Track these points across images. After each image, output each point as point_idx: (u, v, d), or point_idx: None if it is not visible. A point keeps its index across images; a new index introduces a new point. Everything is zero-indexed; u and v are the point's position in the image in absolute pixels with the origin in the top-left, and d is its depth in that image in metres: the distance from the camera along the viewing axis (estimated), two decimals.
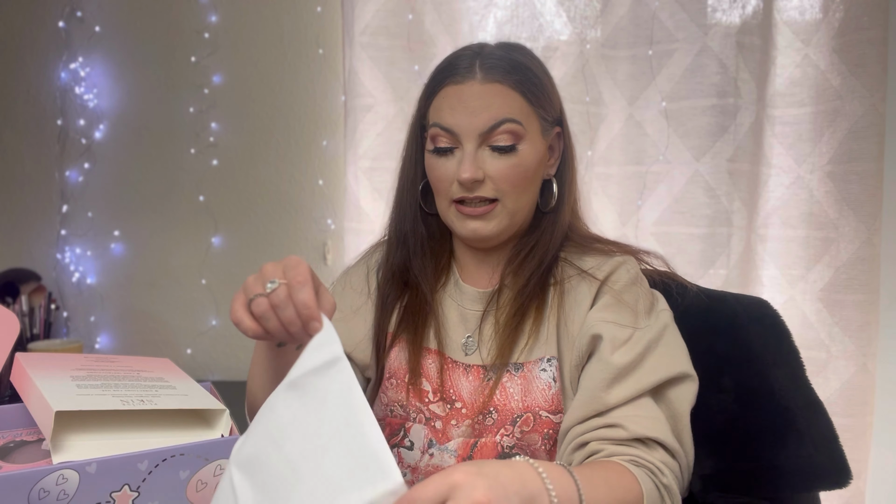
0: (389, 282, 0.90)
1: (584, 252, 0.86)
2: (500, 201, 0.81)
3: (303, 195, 1.78)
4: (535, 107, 0.82)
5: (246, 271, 1.81)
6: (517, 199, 0.82)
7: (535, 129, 0.83)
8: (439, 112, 0.82)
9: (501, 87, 0.80)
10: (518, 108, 0.80)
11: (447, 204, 0.84)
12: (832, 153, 1.43)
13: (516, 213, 0.83)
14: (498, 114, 0.79)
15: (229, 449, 0.59)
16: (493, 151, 0.80)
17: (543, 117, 0.84)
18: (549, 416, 0.80)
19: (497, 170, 0.80)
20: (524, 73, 0.81)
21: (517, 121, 0.79)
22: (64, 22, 1.83)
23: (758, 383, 0.84)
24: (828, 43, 1.42)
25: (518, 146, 0.80)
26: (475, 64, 0.81)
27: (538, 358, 0.83)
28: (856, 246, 1.41)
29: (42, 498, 0.52)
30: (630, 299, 0.80)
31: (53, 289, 1.83)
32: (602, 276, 0.83)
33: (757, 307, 0.90)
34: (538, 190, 0.86)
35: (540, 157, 0.83)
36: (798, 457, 0.80)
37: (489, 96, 0.79)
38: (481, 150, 0.80)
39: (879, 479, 1.52)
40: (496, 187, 0.80)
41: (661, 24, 1.51)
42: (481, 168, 0.80)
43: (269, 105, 1.78)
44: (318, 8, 1.74)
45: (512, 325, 0.84)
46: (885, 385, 1.50)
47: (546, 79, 0.86)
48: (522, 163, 0.80)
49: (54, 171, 1.86)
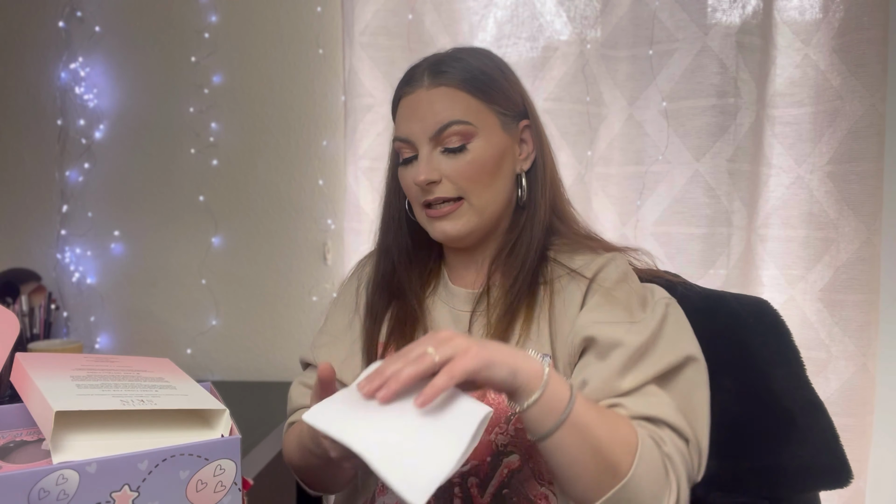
0: (377, 293, 0.92)
1: (574, 251, 0.86)
2: (465, 199, 0.83)
3: (303, 195, 1.78)
4: (487, 103, 0.84)
5: (246, 271, 1.81)
6: (481, 194, 0.83)
7: (490, 125, 0.84)
8: (398, 125, 0.87)
9: (447, 89, 0.83)
10: (466, 107, 0.82)
11: (420, 210, 0.86)
12: (832, 153, 1.43)
13: (484, 210, 0.84)
14: (444, 117, 0.82)
15: (229, 449, 0.59)
16: (445, 153, 0.83)
17: (501, 112, 0.85)
18: None
19: (452, 169, 0.82)
20: (470, 72, 0.84)
21: (464, 121, 0.82)
22: (64, 22, 1.83)
23: (758, 383, 0.84)
24: (828, 43, 1.42)
25: (469, 145, 0.82)
26: (424, 72, 0.85)
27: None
28: (856, 246, 1.41)
29: (42, 498, 0.52)
30: (621, 296, 0.80)
31: (53, 289, 1.83)
32: (590, 274, 0.82)
33: (757, 307, 0.90)
34: (507, 185, 0.86)
35: (499, 152, 0.84)
36: (798, 456, 0.80)
37: (435, 101, 0.83)
38: (436, 153, 0.83)
39: (879, 479, 1.52)
40: (455, 185, 0.83)
41: (661, 24, 1.51)
42: (437, 169, 0.83)
43: (269, 105, 1.78)
44: (318, 8, 1.74)
45: (502, 324, 0.84)
46: (885, 385, 1.50)
47: (499, 74, 0.87)
48: (476, 159, 0.82)
49: (54, 171, 1.86)
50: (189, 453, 0.58)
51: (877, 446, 1.46)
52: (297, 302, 1.79)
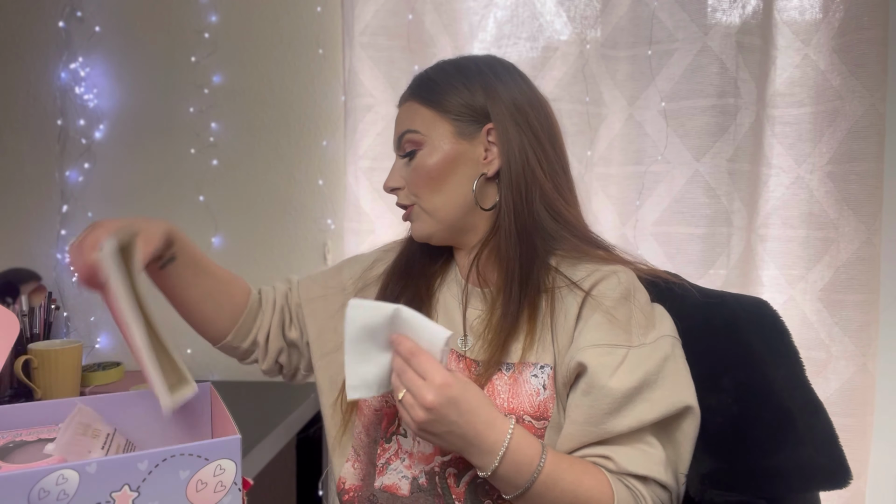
0: (393, 278, 0.97)
1: (579, 260, 0.86)
2: (415, 205, 0.90)
3: (303, 195, 1.78)
4: (439, 112, 0.87)
5: (246, 271, 1.81)
6: (429, 199, 0.88)
7: (441, 133, 0.87)
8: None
9: (410, 103, 0.90)
10: (420, 118, 0.88)
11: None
12: (832, 153, 1.43)
13: (435, 213, 0.88)
14: (401, 128, 0.90)
15: (229, 449, 0.59)
16: (402, 160, 0.90)
17: (454, 118, 0.87)
18: (532, 421, 0.81)
19: (406, 175, 0.89)
20: (426, 84, 0.90)
21: (414, 130, 0.88)
22: (64, 22, 1.83)
23: (757, 384, 0.84)
24: (828, 43, 1.42)
25: (418, 151, 0.87)
26: (408, 87, 0.93)
27: (532, 363, 0.83)
28: (856, 246, 1.41)
29: (42, 498, 0.52)
30: (622, 316, 0.79)
31: (53, 289, 1.83)
32: (587, 286, 0.82)
33: (756, 307, 0.90)
34: (463, 189, 0.87)
35: (448, 158, 0.86)
36: (797, 457, 0.80)
37: (401, 115, 0.91)
38: (401, 162, 0.91)
39: (879, 479, 1.52)
40: (409, 191, 0.90)
41: (660, 24, 1.51)
42: (402, 177, 0.90)
43: (269, 105, 1.78)
44: (318, 8, 1.74)
45: (502, 326, 0.84)
46: (885, 385, 1.50)
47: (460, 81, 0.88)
48: (421, 166, 0.87)
49: (54, 171, 1.86)
50: (189, 453, 0.58)
51: (877, 446, 1.46)
52: None
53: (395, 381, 0.74)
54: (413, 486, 0.84)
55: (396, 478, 0.86)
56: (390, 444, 0.88)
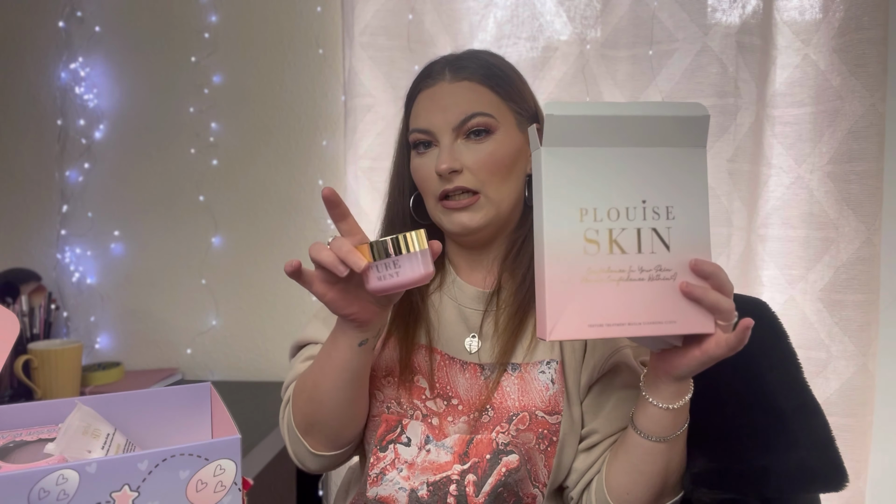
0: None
1: None
2: (481, 193, 0.83)
3: (303, 195, 1.78)
4: (505, 100, 0.85)
5: (246, 271, 1.81)
6: (497, 189, 0.84)
7: (508, 122, 0.85)
8: (416, 117, 0.87)
9: (470, 83, 0.84)
10: (488, 101, 0.84)
11: (434, 202, 0.86)
12: (832, 153, 1.43)
13: (500, 204, 0.85)
14: (468, 108, 0.83)
15: (229, 449, 0.59)
16: (468, 141, 0.83)
17: (517, 111, 0.86)
18: (545, 416, 0.81)
19: (473, 160, 0.83)
20: (491, 69, 0.86)
21: (487, 113, 0.83)
22: (64, 22, 1.83)
23: (753, 385, 0.84)
24: (828, 43, 1.42)
25: (490, 135, 0.83)
26: (445, 68, 0.86)
27: (538, 360, 0.83)
28: (856, 246, 1.41)
29: (42, 498, 0.52)
30: None
31: (53, 289, 1.83)
32: None
33: (755, 309, 0.90)
34: (519, 184, 0.87)
35: (515, 149, 0.85)
36: (790, 459, 0.80)
37: (459, 93, 0.84)
38: (457, 143, 0.83)
39: (879, 480, 1.52)
40: (475, 177, 0.83)
41: (661, 24, 1.51)
42: (458, 159, 0.83)
43: (269, 105, 1.78)
44: (318, 8, 1.74)
45: (512, 325, 0.84)
46: (885, 385, 1.50)
47: (515, 75, 0.89)
48: (497, 151, 0.83)
49: (54, 171, 1.86)
50: (189, 453, 0.58)
51: (877, 446, 1.46)
52: (297, 302, 1.79)
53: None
54: (411, 499, 0.81)
55: (392, 489, 0.82)
56: (385, 454, 0.84)
